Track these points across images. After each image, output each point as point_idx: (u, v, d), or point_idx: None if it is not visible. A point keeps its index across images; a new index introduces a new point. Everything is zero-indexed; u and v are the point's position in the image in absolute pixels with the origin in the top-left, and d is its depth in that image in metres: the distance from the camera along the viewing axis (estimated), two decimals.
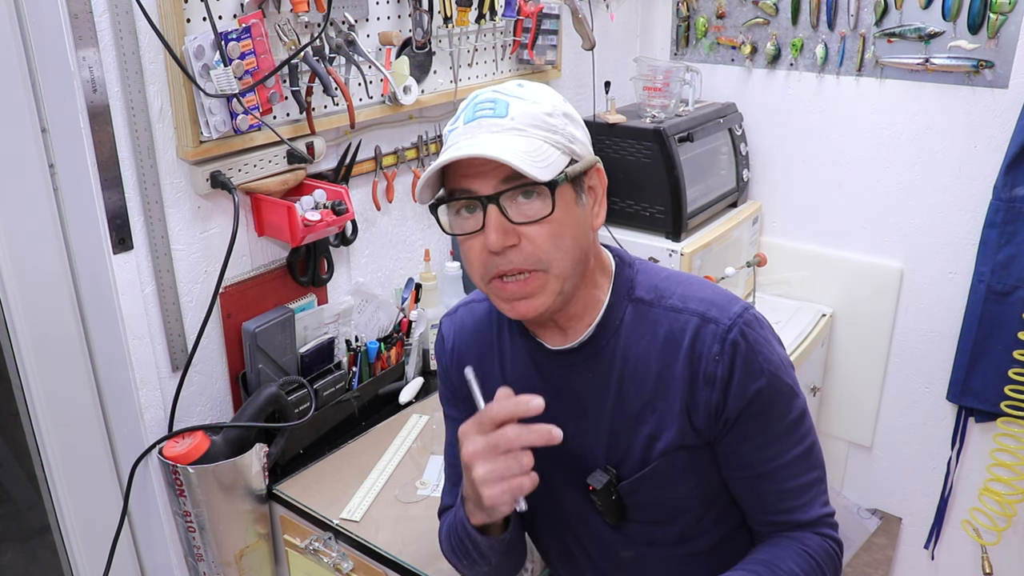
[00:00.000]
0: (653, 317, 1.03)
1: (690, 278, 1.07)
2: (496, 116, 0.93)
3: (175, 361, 1.47)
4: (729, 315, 0.99)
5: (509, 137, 0.92)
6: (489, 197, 0.92)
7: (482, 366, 1.14)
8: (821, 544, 1.04)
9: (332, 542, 1.42)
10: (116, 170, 1.31)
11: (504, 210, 0.92)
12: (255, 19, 1.38)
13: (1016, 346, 1.96)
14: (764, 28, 2.22)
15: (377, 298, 1.79)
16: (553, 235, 0.94)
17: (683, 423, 1.01)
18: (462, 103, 0.99)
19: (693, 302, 1.02)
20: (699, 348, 0.99)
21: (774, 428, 1.01)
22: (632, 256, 1.10)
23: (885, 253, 2.21)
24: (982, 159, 1.99)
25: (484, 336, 1.15)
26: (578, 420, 1.06)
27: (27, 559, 1.61)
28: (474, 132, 0.93)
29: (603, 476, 1.05)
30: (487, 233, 0.92)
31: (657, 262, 2.04)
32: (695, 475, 1.05)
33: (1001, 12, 1.85)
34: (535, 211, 0.93)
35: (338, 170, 1.68)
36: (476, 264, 0.97)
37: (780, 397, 1.01)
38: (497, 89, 0.97)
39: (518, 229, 0.93)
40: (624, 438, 1.04)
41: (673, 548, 1.10)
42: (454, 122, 0.97)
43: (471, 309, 1.19)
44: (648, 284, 1.05)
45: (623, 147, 2.06)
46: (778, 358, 1.02)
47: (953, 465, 2.23)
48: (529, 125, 0.93)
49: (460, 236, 0.97)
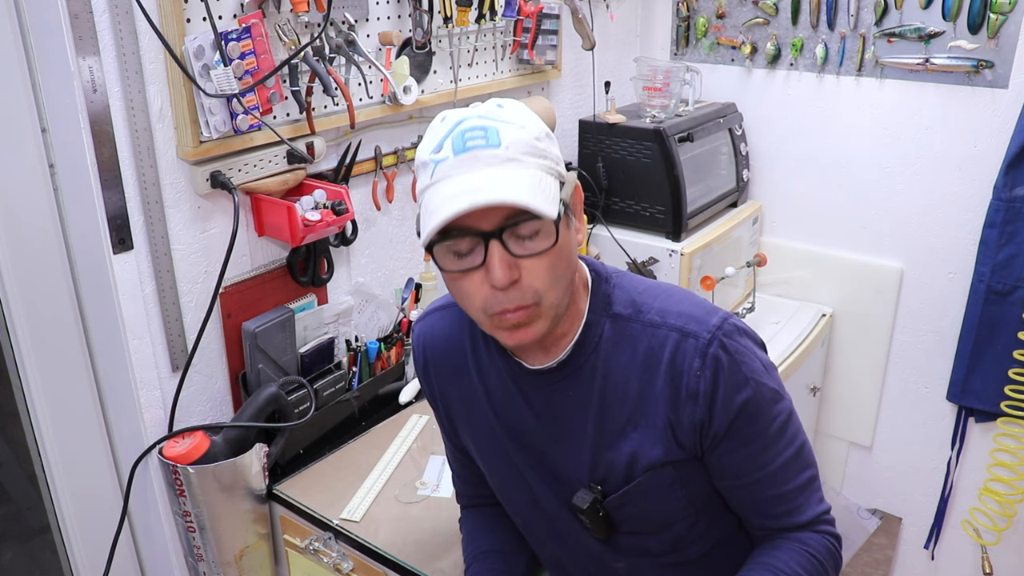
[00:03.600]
0: (632, 333, 1.01)
1: (668, 290, 1.05)
2: (490, 146, 0.87)
3: (175, 361, 1.47)
4: (708, 328, 0.98)
5: (510, 170, 0.87)
6: (491, 233, 0.88)
7: (462, 384, 1.12)
8: (821, 542, 1.04)
9: (332, 542, 1.42)
10: (116, 170, 1.31)
11: (507, 245, 0.88)
12: (255, 19, 1.38)
13: (1016, 346, 1.96)
14: (764, 28, 2.22)
15: (377, 298, 1.79)
16: (551, 266, 0.91)
17: (667, 439, 1.00)
18: (438, 123, 0.91)
19: (671, 316, 1.00)
20: (679, 364, 0.97)
21: (763, 435, 1.00)
22: (608, 269, 1.07)
23: (885, 253, 2.21)
24: (982, 159, 1.99)
25: (457, 347, 1.12)
26: (560, 439, 1.06)
27: (27, 559, 1.61)
28: (470, 165, 0.87)
29: (588, 495, 1.04)
30: (492, 270, 0.88)
31: (657, 262, 2.04)
32: (682, 487, 1.04)
33: (1001, 12, 1.85)
34: (537, 245, 0.89)
35: (338, 170, 1.68)
36: (477, 299, 0.92)
37: (766, 404, 1.00)
38: (481, 114, 0.90)
39: (519, 262, 0.90)
40: (607, 456, 1.03)
41: (665, 557, 1.10)
42: (437, 150, 0.89)
43: (440, 317, 1.16)
44: (625, 299, 1.03)
45: (623, 147, 2.06)
46: (760, 364, 1.00)
47: (953, 465, 2.23)
48: (524, 154, 0.88)
49: (456, 273, 0.92)
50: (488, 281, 0.90)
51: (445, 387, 1.15)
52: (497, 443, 1.11)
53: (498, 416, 1.09)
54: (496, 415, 1.09)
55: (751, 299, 2.21)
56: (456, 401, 1.15)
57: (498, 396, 1.09)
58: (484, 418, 1.11)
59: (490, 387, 1.09)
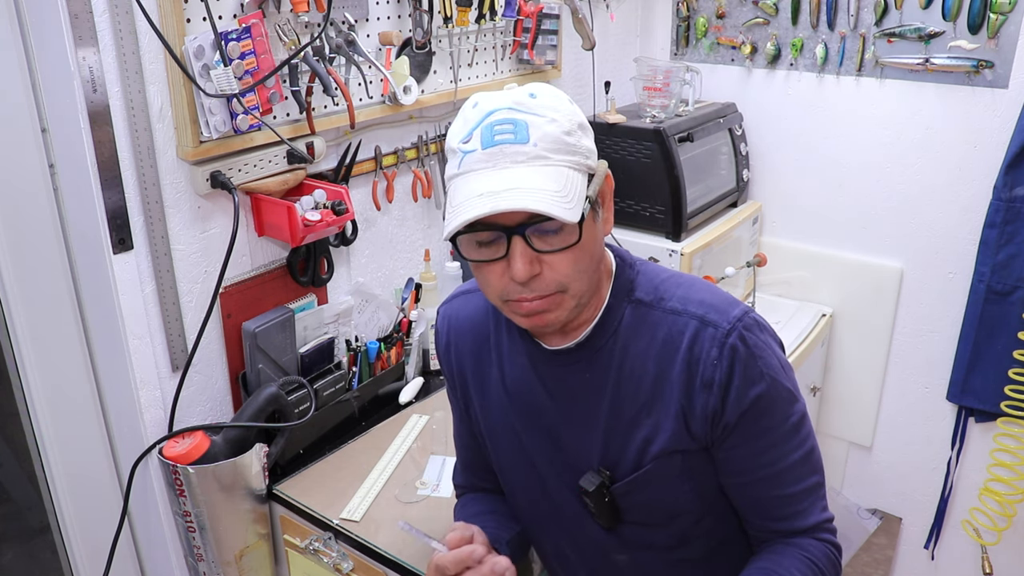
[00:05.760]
0: (652, 319, 1.02)
1: (691, 280, 1.06)
2: (518, 142, 0.88)
3: (175, 361, 1.47)
4: (729, 319, 0.98)
5: (535, 170, 0.88)
6: (514, 229, 0.89)
7: (480, 365, 1.14)
8: (823, 549, 1.04)
9: (332, 542, 1.42)
10: (116, 170, 1.31)
11: (529, 241, 0.90)
12: (255, 19, 1.38)
13: (1016, 346, 1.96)
14: (764, 28, 2.22)
15: (377, 298, 1.79)
16: (575, 261, 0.92)
17: (679, 427, 1.00)
18: (469, 108, 0.93)
19: (692, 304, 1.00)
20: (697, 351, 0.98)
21: (774, 433, 1.00)
22: (633, 257, 1.09)
23: (885, 253, 2.21)
24: (982, 159, 1.99)
25: (481, 331, 1.14)
26: (574, 421, 1.06)
27: (27, 559, 1.61)
28: (496, 161, 0.88)
29: (595, 478, 1.04)
30: (513, 264, 0.90)
31: (657, 262, 2.04)
32: (690, 479, 1.04)
33: (1001, 12, 1.85)
34: (560, 241, 0.91)
35: (338, 170, 1.68)
36: (495, 287, 0.95)
37: (780, 402, 1.00)
38: (513, 106, 0.90)
39: (541, 257, 0.91)
40: (619, 440, 1.04)
41: (668, 553, 1.10)
42: (466, 139, 0.90)
43: (467, 300, 1.17)
44: (648, 285, 1.04)
45: (623, 147, 2.06)
46: (778, 362, 1.01)
47: (953, 465, 2.23)
48: (552, 151, 0.89)
49: (477, 263, 0.95)
50: (509, 274, 0.91)
51: (464, 367, 1.16)
52: (508, 426, 1.12)
53: (512, 398, 1.10)
54: (510, 397, 1.10)
55: (751, 299, 2.21)
56: (473, 382, 1.16)
57: (514, 378, 1.09)
58: (498, 400, 1.12)
59: (507, 369, 1.10)
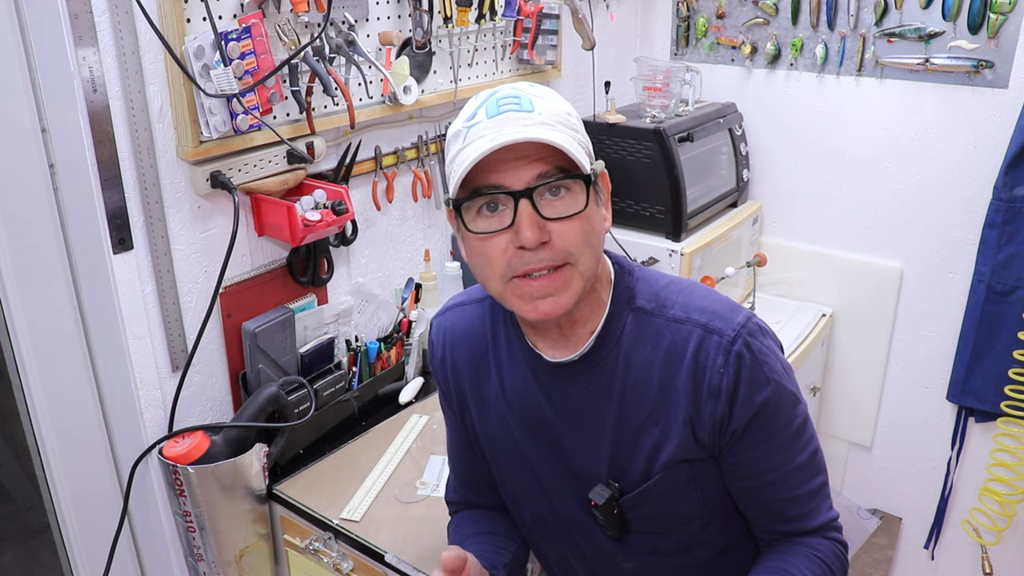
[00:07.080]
0: (655, 328, 1.01)
1: (691, 286, 1.05)
2: (524, 111, 0.89)
3: (175, 361, 1.47)
4: (733, 326, 0.98)
5: (544, 130, 0.88)
6: (521, 192, 0.89)
7: (478, 375, 1.12)
8: (831, 547, 1.04)
9: (332, 542, 1.42)
10: (116, 170, 1.31)
11: (536, 205, 0.89)
12: (255, 19, 1.38)
13: (1016, 346, 1.96)
14: (764, 28, 2.22)
15: (377, 298, 1.79)
16: (584, 231, 0.91)
17: (686, 436, 0.99)
18: (473, 101, 0.94)
19: (695, 312, 1.00)
20: (703, 360, 0.97)
21: (780, 437, 1.00)
22: (631, 263, 1.07)
23: (885, 253, 2.21)
24: (982, 159, 1.99)
25: (478, 343, 1.12)
26: (579, 433, 1.05)
27: (27, 559, 1.61)
28: (502, 125, 0.88)
29: (605, 491, 1.03)
30: (521, 229, 0.89)
31: (657, 262, 2.04)
32: (698, 487, 1.04)
33: (1001, 12, 1.85)
34: (567, 207, 0.90)
35: (338, 170, 1.68)
36: (498, 263, 0.92)
37: (785, 405, 1.00)
38: (514, 87, 0.93)
39: (548, 225, 0.90)
40: (626, 451, 1.03)
41: (674, 558, 1.10)
42: (471, 118, 0.91)
43: (462, 312, 1.15)
44: (649, 293, 1.03)
45: (623, 147, 2.06)
46: (780, 366, 1.01)
47: (953, 465, 2.23)
48: (557, 122, 0.90)
49: (481, 235, 0.92)
50: (517, 242, 0.90)
51: (461, 378, 1.14)
52: (509, 438, 1.11)
53: (514, 410, 1.08)
54: (511, 409, 1.09)
55: (751, 299, 2.21)
56: (471, 395, 1.14)
57: (515, 390, 1.08)
58: (498, 412, 1.10)
59: (508, 381, 1.09)
